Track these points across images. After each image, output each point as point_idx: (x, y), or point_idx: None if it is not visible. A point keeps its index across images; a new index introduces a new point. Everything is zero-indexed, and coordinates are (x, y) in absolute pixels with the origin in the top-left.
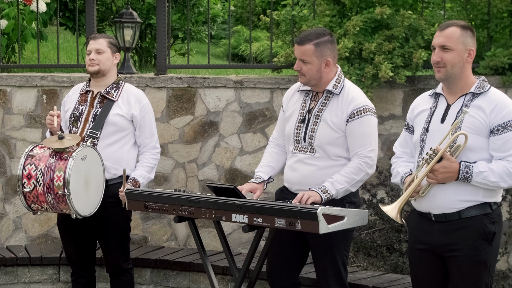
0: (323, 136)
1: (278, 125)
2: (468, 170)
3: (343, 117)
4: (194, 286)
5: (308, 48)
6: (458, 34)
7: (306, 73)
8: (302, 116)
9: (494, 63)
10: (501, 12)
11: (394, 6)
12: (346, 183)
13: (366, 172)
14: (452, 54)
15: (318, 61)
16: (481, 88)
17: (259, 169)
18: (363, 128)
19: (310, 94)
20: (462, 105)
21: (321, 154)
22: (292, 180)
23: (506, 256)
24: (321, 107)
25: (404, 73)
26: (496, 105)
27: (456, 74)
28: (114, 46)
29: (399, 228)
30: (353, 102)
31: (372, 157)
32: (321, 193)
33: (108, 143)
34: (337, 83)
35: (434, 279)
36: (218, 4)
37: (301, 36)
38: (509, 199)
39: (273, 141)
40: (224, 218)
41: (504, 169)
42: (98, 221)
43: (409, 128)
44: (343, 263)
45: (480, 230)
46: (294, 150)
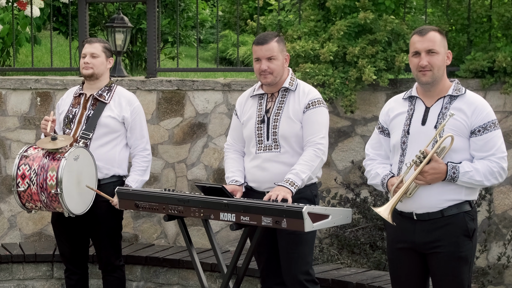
0: (285, 129)
1: (232, 131)
2: (455, 171)
3: (300, 108)
4: (183, 282)
5: (273, 45)
6: (439, 38)
7: (274, 70)
8: (260, 117)
9: (474, 66)
10: (480, 17)
11: (377, 11)
12: (308, 171)
13: (321, 159)
14: (438, 57)
15: (281, 56)
16: (457, 90)
17: (231, 174)
18: (317, 117)
19: (264, 97)
20: (441, 108)
21: (286, 149)
22: (262, 179)
23: (485, 253)
24: (280, 105)
25: (386, 76)
26: (476, 107)
27: (439, 77)
28: (108, 51)
29: (382, 226)
30: (310, 94)
31: (323, 144)
32: (289, 187)
33: (100, 144)
34: (291, 80)
35: (415, 276)
36: (207, 9)
37: (261, 37)
38: (488, 198)
39: (230, 147)
40: (212, 217)
41: (488, 168)
42: (90, 220)
43: (383, 131)
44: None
45: (462, 227)
46: (258, 150)
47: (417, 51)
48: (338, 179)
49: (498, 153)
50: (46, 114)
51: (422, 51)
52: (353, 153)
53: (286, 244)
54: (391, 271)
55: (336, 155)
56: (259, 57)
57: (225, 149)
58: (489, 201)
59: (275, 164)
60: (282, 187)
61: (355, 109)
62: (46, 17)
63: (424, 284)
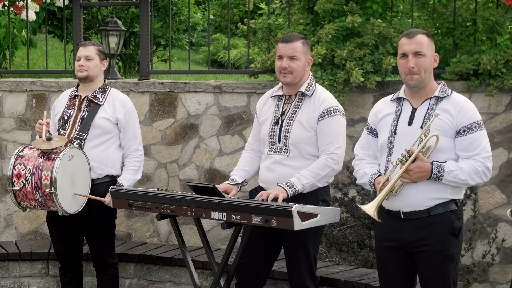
0: (297, 135)
1: (253, 131)
2: (440, 169)
3: (315, 117)
4: (175, 280)
5: (298, 45)
6: (426, 41)
7: (295, 69)
8: (275, 119)
9: (459, 69)
10: (465, 20)
11: (365, 15)
12: (312, 178)
13: (332, 168)
14: (425, 59)
15: (304, 58)
16: (443, 92)
17: (234, 172)
18: (332, 126)
19: (282, 98)
20: (428, 108)
21: (295, 153)
22: (269, 180)
23: (470, 251)
24: (295, 109)
25: (374, 78)
26: (461, 108)
27: (426, 79)
28: (102, 54)
29: (369, 225)
30: (325, 102)
31: (338, 154)
32: (287, 188)
33: (94, 144)
34: (309, 85)
35: (402, 274)
36: (198, 13)
37: (287, 35)
38: (473, 198)
39: (248, 146)
40: (204, 216)
41: (472, 168)
42: (85, 219)
43: (372, 131)
44: (315, 257)
45: (448, 226)
46: (269, 152)
47: (405, 53)
48: None
49: (483, 153)
50: (41, 115)
51: (410, 53)
52: None
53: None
54: (379, 268)
55: None
56: (282, 55)
57: (245, 147)
58: (474, 200)
59: (282, 166)
60: (279, 187)
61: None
62: (41, 20)
63: (411, 282)
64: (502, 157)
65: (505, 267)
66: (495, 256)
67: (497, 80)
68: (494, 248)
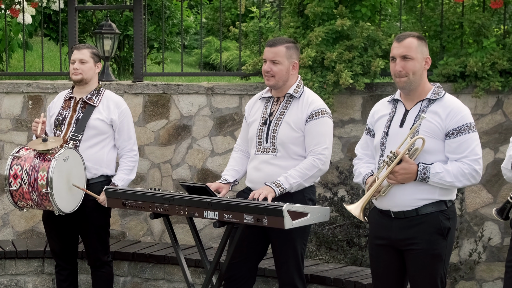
0: (285, 136)
1: (241, 132)
2: (426, 171)
3: (303, 118)
4: (168, 277)
5: (280, 49)
6: (416, 44)
7: (276, 73)
8: (263, 119)
9: (447, 71)
10: (452, 24)
11: (354, 18)
12: (299, 178)
13: (319, 168)
14: (412, 62)
15: (287, 62)
16: (436, 94)
17: (225, 172)
18: (320, 128)
19: (271, 100)
20: (419, 110)
21: (283, 153)
22: (256, 180)
23: (457, 250)
24: (283, 110)
25: (363, 80)
26: (451, 110)
27: (416, 81)
28: (96, 56)
29: (358, 224)
30: (313, 104)
31: (325, 155)
32: (275, 188)
33: (89, 145)
34: (297, 88)
35: (393, 271)
36: (191, 17)
37: (273, 40)
38: (460, 197)
39: (237, 147)
40: (196, 215)
41: (459, 170)
42: (80, 218)
43: (369, 132)
44: (302, 254)
45: (436, 226)
46: (257, 152)
47: (393, 57)
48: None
49: (471, 156)
50: (37, 116)
51: (397, 57)
52: (331, 154)
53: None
54: (372, 266)
55: None
56: (266, 58)
57: (234, 148)
58: (461, 200)
59: (269, 166)
60: (267, 186)
61: (332, 112)
62: (37, 24)
63: (402, 279)
64: (489, 157)
65: (491, 265)
66: (481, 254)
67: (483, 82)
68: (480, 247)
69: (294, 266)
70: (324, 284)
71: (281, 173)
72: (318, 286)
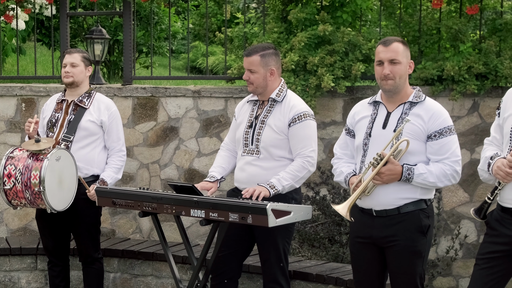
0: (268, 138)
1: (230, 132)
2: (410, 172)
3: (285, 122)
4: (156, 273)
5: (255, 59)
6: (402, 49)
7: (254, 81)
8: (250, 122)
9: (424, 74)
10: (430, 29)
11: (335, 24)
12: (291, 180)
13: (308, 170)
14: (400, 66)
15: (263, 70)
16: (418, 97)
17: (212, 169)
18: (305, 131)
19: (257, 103)
20: (402, 113)
21: (265, 155)
22: (241, 179)
23: (435, 247)
24: (266, 114)
25: (344, 83)
26: (433, 114)
27: (401, 85)
28: (87, 60)
29: (339, 222)
30: (294, 108)
31: (313, 157)
32: (269, 189)
33: (81, 146)
34: (280, 92)
35: (374, 268)
36: (178, 22)
37: (249, 49)
38: (438, 196)
39: (224, 146)
40: (184, 213)
41: (441, 171)
42: (71, 216)
43: (349, 132)
44: (285, 251)
45: (417, 224)
46: (243, 153)
47: (381, 61)
48: None
49: (452, 157)
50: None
51: (385, 61)
52: None
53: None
54: (353, 263)
55: None
56: (244, 67)
57: (220, 147)
58: (438, 199)
59: (252, 167)
60: (262, 186)
61: (315, 114)
62: (30, 29)
63: (382, 275)
64: (465, 158)
65: (468, 261)
66: (458, 251)
67: (460, 86)
68: (457, 244)
69: (276, 263)
70: (306, 280)
71: (262, 173)
72: (301, 282)
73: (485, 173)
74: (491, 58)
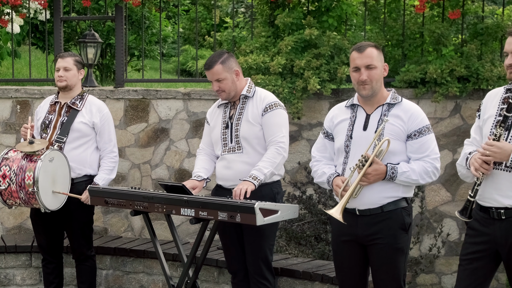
0: (246, 132)
1: (204, 137)
2: (394, 171)
3: (259, 112)
4: (148, 271)
5: (218, 68)
6: (376, 53)
7: (225, 88)
8: (225, 123)
9: (408, 77)
10: (414, 33)
11: (321, 28)
12: (270, 167)
13: (282, 156)
14: (376, 71)
15: (229, 74)
16: (395, 99)
17: (197, 170)
18: (275, 119)
19: (228, 105)
20: (381, 114)
21: (248, 149)
22: (227, 177)
23: (418, 245)
24: (241, 111)
25: (329, 86)
26: (411, 114)
27: (378, 88)
28: (79, 64)
29: (325, 220)
30: (266, 99)
31: (284, 142)
32: (253, 181)
33: (73, 147)
34: (249, 88)
35: (357, 265)
36: (169, 27)
37: (207, 62)
38: (420, 195)
39: (201, 151)
40: (174, 212)
41: (423, 168)
42: (65, 215)
43: (328, 135)
44: (270, 247)
45: (399, 221)
46: (223, 152)
47: (357, 67)
48: (287, 179)
49: (432, 155)
50: (25, 120)
51: (362, 67)
52: (300, 155)
53: (249, 236)
54: (335, 261)
55: None
56: (210, 80)
57: (197, 153)
58: (421, 198)
59: (238, 163)
60: (246, 181)
61: (301, 116)
62: (25, 33)
63: (364, 273)
64: (447, 158)
65: (450, 259)
66: (440, 249)
67: (442, 88)
68: (439, 242)
69: (262, 257)
70: (293, 277)
71: (250, 169)
72: (287, 279)
73: (463, 168)
74: (473, 61)
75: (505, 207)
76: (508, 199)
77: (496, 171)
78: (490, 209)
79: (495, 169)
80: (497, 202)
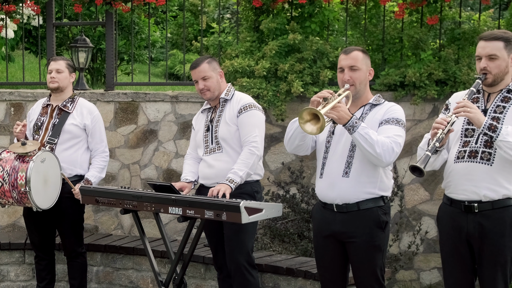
0: (224, 132)
1: (191, 142)
2: (357, 121)
3: (235, 113)
4: (137, 267)
5: (204, 66)
6: (361, 57)
7: (210, 86)
8: (206, 127)
9: (388, 81)
10: (393, 38)
11: (304, 33)
12: (245, 168)
13: (256, 155)
14: (359, 73)
15: (214, 74)
16: (377, 101)
17: (185, 174)
18: (249, 119)
19: (211, 110)
20: (362, 113)
21: (227, 149)
22: (209, 176)
23: (398, 242)
24: (220, 114)
25: (312, 89)
26: (389, 108)
27: (361, 90)
28: (71, 67)
29: (308, 219)
30: (242, 100)
31: (257, 141)
32: (229, 184)
33: (64, 148)
34: (228, 91)
35: (337, 262)
36: (157, 32)
37: (194, 62)
38: (400, 195)
39: (188, 155)
40: (162, 211)
41: (383, 139)
42: (56, 213)
43: None
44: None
45: (376, 220)
46: (205, 154)
47: (342, 68)
48: (271, 178)
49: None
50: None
51: (346, 67)
52: (284, 156)
53: (230, 234)
54: (317, 257)
55: (268, 158)
56: (196, 79)
57: (185, 158)
58: (400, 197)
59: (219, 162)
60: (223, 184)
61: (285, 118)
62: (19, 38)
63: (345, 269)
64: None
65: (428, 256)
66: (419, 246)
67: (421, 91)
68: (418, 239)
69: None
70: (277, 273)
71: (230, 167)
72: (272, 275)
73: (422, 150)
74: (450, 65)
75: (479, 200)
76: (484, 190)
77: (472, 164)
78: (462, 202)
79: (471, 162)
80: (472, 193)
